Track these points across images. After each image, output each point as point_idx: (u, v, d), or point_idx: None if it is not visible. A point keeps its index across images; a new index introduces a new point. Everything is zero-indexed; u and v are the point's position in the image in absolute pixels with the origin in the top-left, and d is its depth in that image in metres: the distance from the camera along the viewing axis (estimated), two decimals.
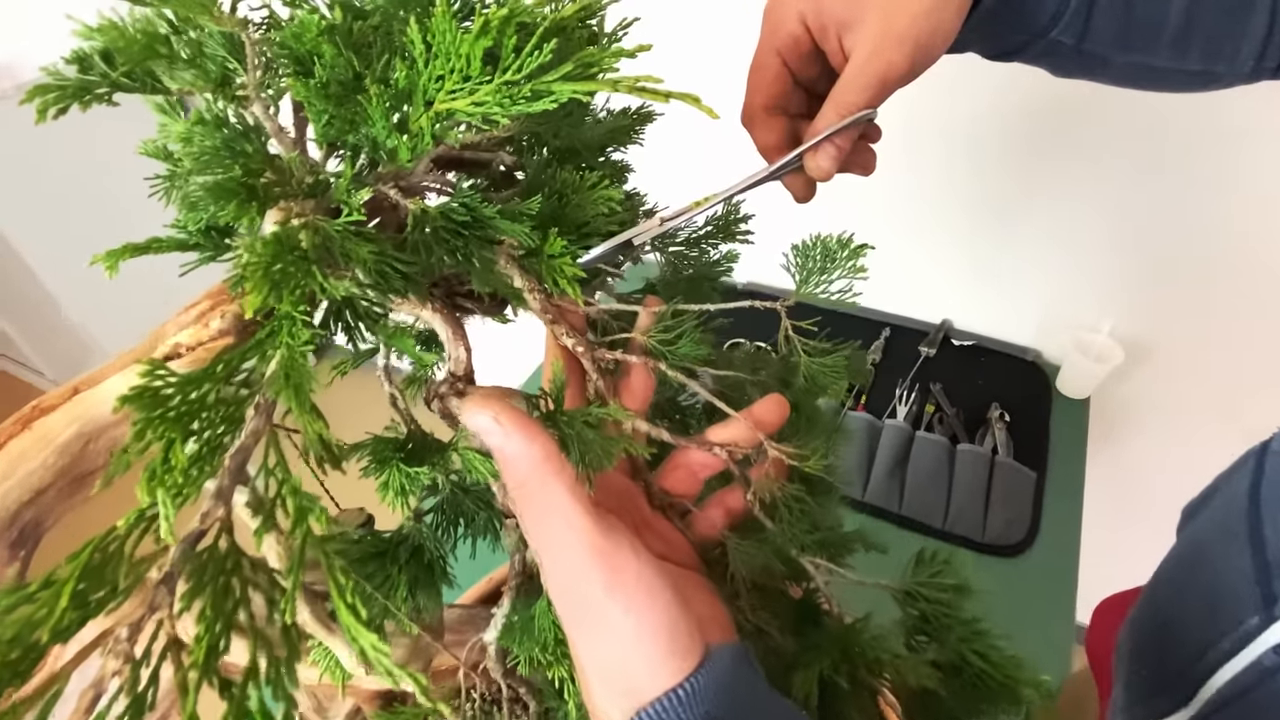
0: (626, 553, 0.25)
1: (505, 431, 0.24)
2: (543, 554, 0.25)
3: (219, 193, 0.25)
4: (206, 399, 0.22)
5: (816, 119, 0.38)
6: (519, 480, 0.25)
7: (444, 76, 0.23)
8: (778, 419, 0.32)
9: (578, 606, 0.25)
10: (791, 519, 0.32)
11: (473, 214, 0.27)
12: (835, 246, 0.34)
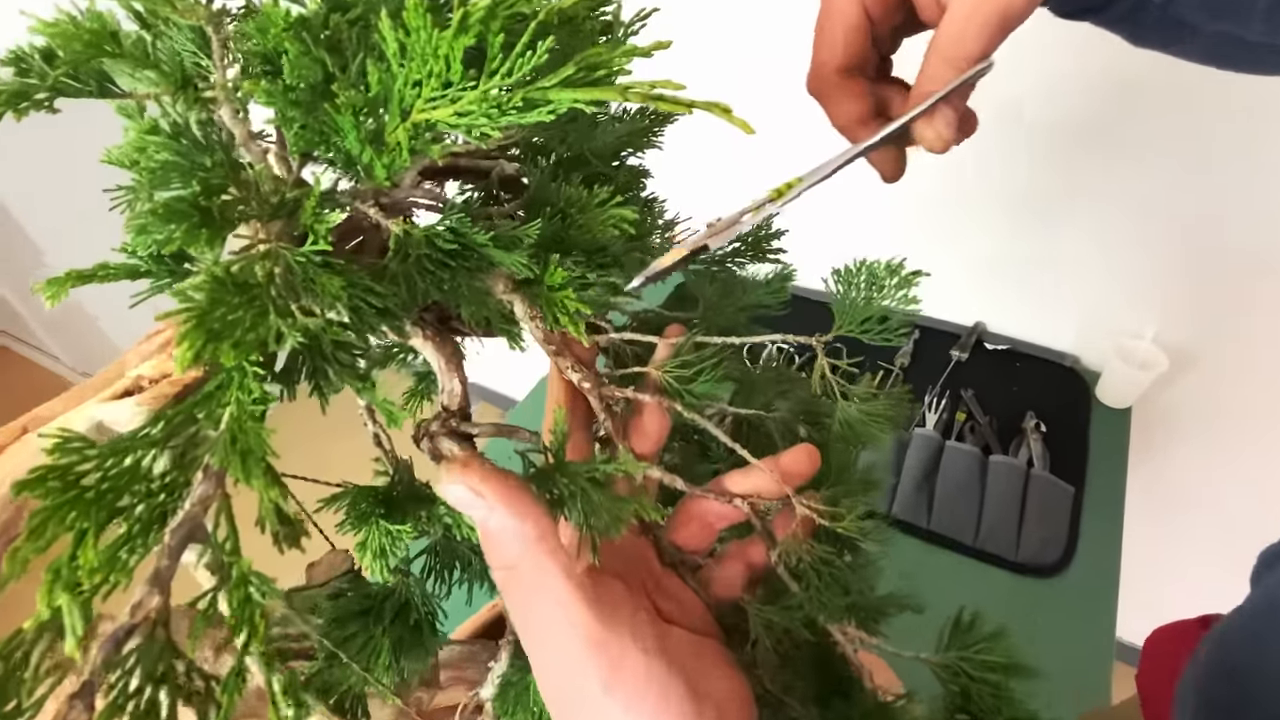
0: (629, 643, 0.21)
1: (489, 505, 0.21)
2: (532, 646, 0.22)
3: (167, 215, 0.21)
4: (139, 469, 0.18)
5: (922, 78, 0.31)
6: (506, 562, 0.21)
7: (421, 81, 0.19)
8: (807, 472, 0.28)
9: (572, 706, 0.21)
10: (821, 584, 0.28)
11: (461, 240, 0.23)
12: (883, 273, 0.29)
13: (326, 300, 0.21)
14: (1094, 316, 1.10)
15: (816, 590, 0.29)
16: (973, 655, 0.29)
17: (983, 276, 1.15)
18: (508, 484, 0.21)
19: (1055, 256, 1.07)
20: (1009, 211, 1.06)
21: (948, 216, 1.10)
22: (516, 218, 0.27)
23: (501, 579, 0.22)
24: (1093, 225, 1.02)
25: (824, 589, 0.28)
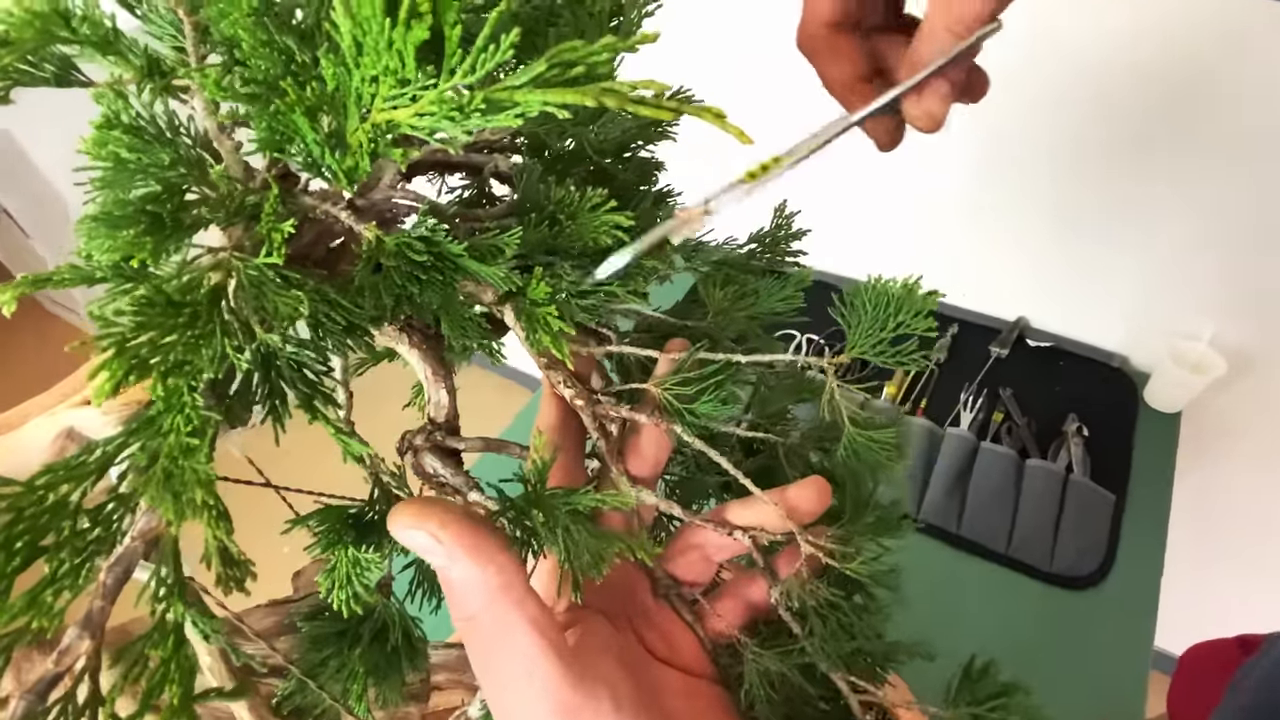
0: (606, 707, 0.19)
1: (449, 553, 0.19)
2: (496, 706, 0.20)
3: (112, 221, 0.19)
4: (66, 505, 0.17)
5: (919, 41, 0.27)
6: (467, 614, 0.19)
7: (378, 78, 0.16)
8: (816, 509, 0.25)
9: None
10: (825, 630, 0.26)
11: (434, 252, 0.21)
12: (900, 292, 0.26)
13: (280, 318, 0.19)
14: (1147, 314, 1.04)
15: (820, 636, 0.26)
16: (985, 713, 0.26)
17: (1028, 268, 1.09)
18: (468, 528, 0.19)
19: (1109, 248, 1.01)
20: (1061, 199, 1.00)
21: (991, 202, 1.05)
22: (504, 222, 0.25)
23: (464, 631, 0.20)
24: (1153, 216, 0.95)
25: (828, 635, 0.26)
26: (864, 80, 0.30)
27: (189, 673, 0.16)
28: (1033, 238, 1.06)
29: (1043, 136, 0.95)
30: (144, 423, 0.18)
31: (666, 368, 0.28)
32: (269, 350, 0.20)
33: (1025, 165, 0.99)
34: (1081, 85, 0.88)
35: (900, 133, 0.31)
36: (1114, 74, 0.86)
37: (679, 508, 0.29)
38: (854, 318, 0.29)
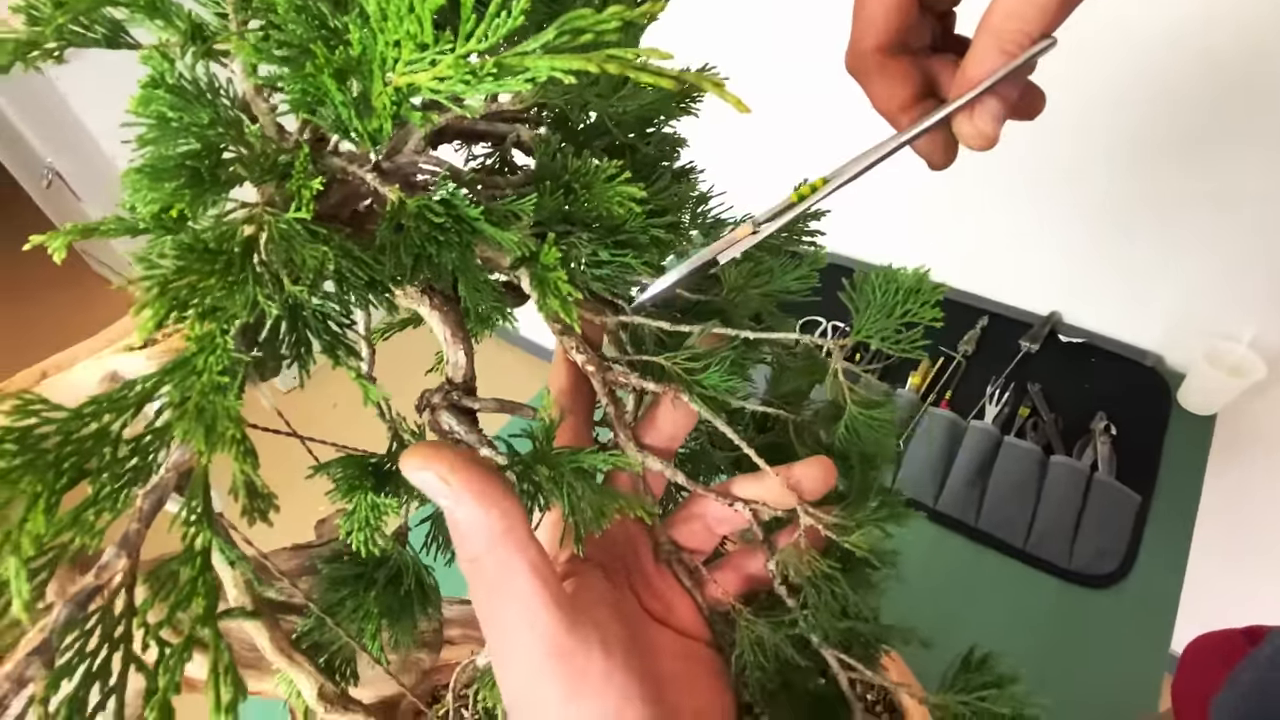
0: (596, 650, 0.20)
1: (456, 496, 0.20)
2: (494, 645, 0.21)
3: (154, 174, 0.21)
4: (107, 433, 0.18)
5: (970, 61, 0.27)
6: (471, 555, 0.20)
7: (400, 42, 0.17)
8: (820, 488, 0.26)
9: (529, 711, 0.21)
10: (819, 602, 0.27)
11: (454, 214, 0.22)
12: (908, 281, 0.27)
13: (310, 271, 0.21)
14: (1186, 314, 1.01)
15: (813, 609, 0.27)
16: (975, 701, 0.27)
17: (1065, 262, 1.07)
18: (476, 472, 0.20)
19: (1153, 246, 0.98)
20: (1107, 194, 0.98)
21: (1026, 191, 1.03)
22: (523, 190, 0.26)
23: (467, 571, 0.21)
24: (1197, 212, 0.92)
25: (820, 609, 0.27)
26: (914, 101, 0.29)
27: (212, 590, 0.18)
28: (1073, 232, 1.03)
29: (1096, 130, 0.93)
30: (179, 362, 0.20)
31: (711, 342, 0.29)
32: (296, 301, 0.21)
33: (1071, 158, 0.97)
34: (1141, 78, 0.86)
35: (953, 151, 0.31)
36: (1176, 67, 0.84)
37: (683, 476, 0.29)
38: (862, 302, 0.30)
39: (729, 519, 0.28)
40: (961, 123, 0.27)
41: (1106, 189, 0.97)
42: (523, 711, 0.21)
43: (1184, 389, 0.98)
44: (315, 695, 0.27)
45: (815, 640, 0.27)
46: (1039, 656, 0.76)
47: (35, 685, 0.17)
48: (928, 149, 0.30)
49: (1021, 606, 0.81)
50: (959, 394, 1.02)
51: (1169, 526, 0.86)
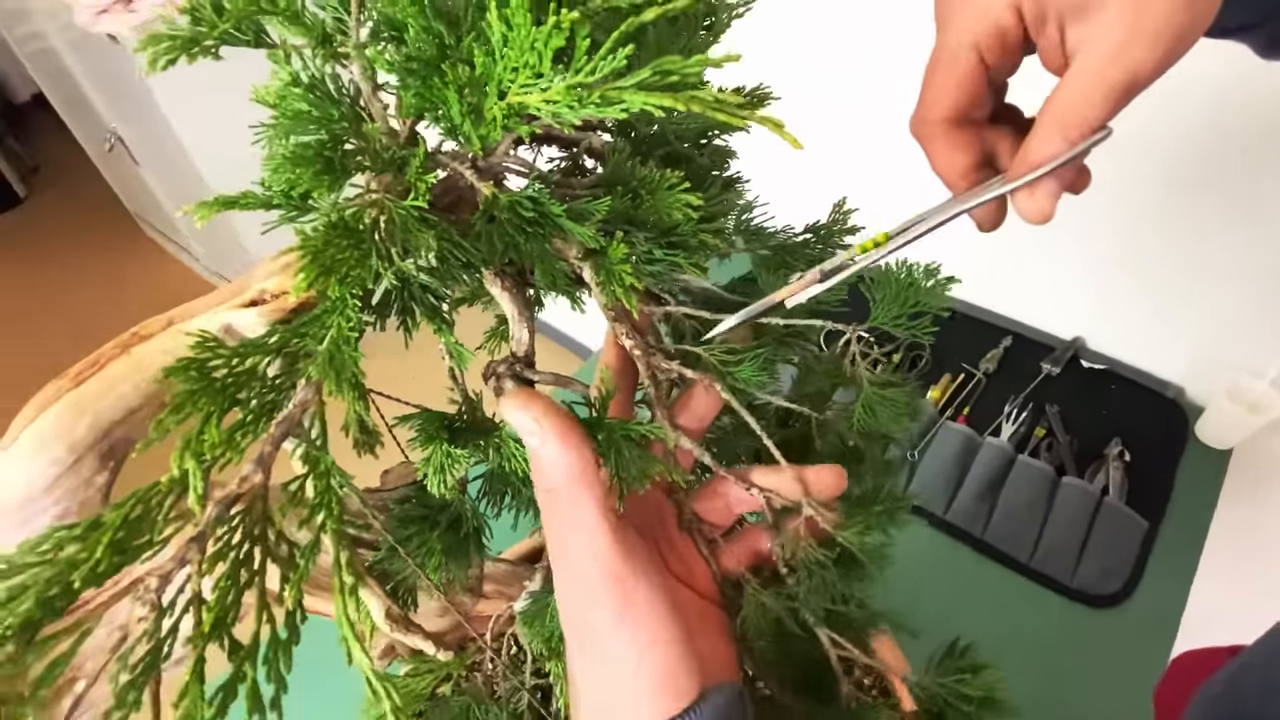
0: (641, 582, 0.24)
1: (544, 435, 0.24)
2: (557, 565, 0.25)
3: (296, 160, 0.25)
4: (255, 370, 0.22)
5: (1034, 142, 0.29)
6: (549, 486, 0.24)
7: (518, 69, 0.21)
8: (829, 492, 0.30)
9: (583, 629, 0.25)
10: (811, 585, 0.30)
11: (539, 209, 0.26)
12: (920, 276, 0.30)
13: (419, 250, 0.25)
14: (1211, 348, 1.02)
15: (806, 589, 0.31)
16: (951, 683, 0.30)
17: (1092, 287, 1.08)
18: (563, 419, 0.24)
19: (1180, 275, 1.00)
20: (1136, 220, 0.99)
21: (1062, 215, 1.04)
22: (593, 192, 0.30)
23: (543, 500, 0.25)
24: (1232, 246, 0.93)
25: (813, 590, 0.30)
26: (974, 170, 0.32)
27: (338, 501, 0.22)
28: (1104, 259, 1.05)
29: (1134, 158, 0.94)
30: (311, 319, 0.24)
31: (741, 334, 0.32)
32: (405, 275, 0.25)
33: (1110, 185, 0.98)
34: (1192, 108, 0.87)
35: (1002, 216, 0.33)
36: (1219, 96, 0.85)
37: (710, 458, 0.33)
38: (879, 293, 0.33)
39: (746, 501, 0.32)
40: (1022, 200, 0.30)
41: (1141, 218, 0.99)
42: (576, 624, 0.25)
43: (1202, 422, 1.00)
44: (383, 616, 0.32)
45: (810, 618, 0.31)
46: (1035, 670, 0.79)
47: (191, 565, 0.21)
48: (981, 215, 0.33)
49: (1021, 619, 0.84)
50: (977, 410, 1.04)
51: (1175, 554, 0.87)
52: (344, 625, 0.20)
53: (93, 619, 0.20)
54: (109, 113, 2.19)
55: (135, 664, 0.19)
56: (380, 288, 0.26)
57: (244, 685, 0.19)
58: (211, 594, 0.20)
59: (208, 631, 0.19)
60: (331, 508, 0.22)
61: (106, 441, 0.31)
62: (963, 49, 0.30)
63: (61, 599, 0.19)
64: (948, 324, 0.30)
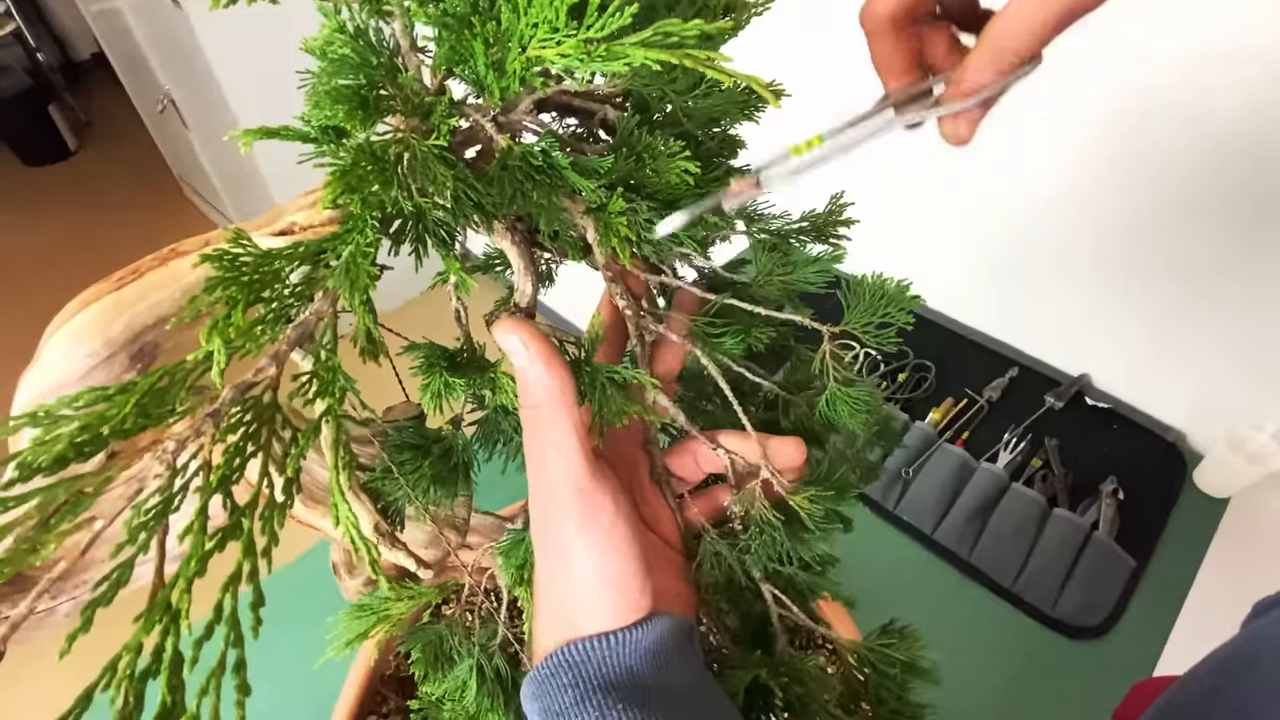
0: (607, 499, 0.26)
1: (531, 357, 0.26)
2: (533, 477, 0.27)
3: (337, 96, 0.28)
4: (279, 273, 0.25)
5: (964, 71, 0.29)
6: (532, 402, 0.27)
7: (538, 24, 0.24)
8: (788, 463, 0.32)
9: (549, 534, 0.27)
10: (760, 540, 0.32)
11: (548, 161, 0.28)
12: (892, 289, 0.32)
13: (436, 186, 0.27)
14: (1215, 396, 1.02)
15: (757, 545, 0.33)
16: (878, 646, 0.32)
17: (1103, 327, 1.09)
18: (549, 345, 0.27)
19: (1192, 322, 1.00)
20: (1151, 264, 1.00)
21: (1078, 252, 1.05)
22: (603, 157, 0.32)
23: (525, 417, 0.27)
24: (1246, 298, 0.94)
25: (760, 546, 0.32)
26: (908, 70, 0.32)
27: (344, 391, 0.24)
28: (1118, 301, 1.06)
29: (1154, 204, 0.95)
30: (337, 236, 0.26)
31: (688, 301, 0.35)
32: (421, 208, 0.28)
33: (1127, 226, 0.99)
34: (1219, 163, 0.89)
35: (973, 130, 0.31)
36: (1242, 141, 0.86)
37: (684, 417, 0.35)
38: (853, 300, 0.35)
39: (713, 461, 0.34)
40: (946, 124, 0.30)
41: (1154, 264, 0.99)
42: (547, 535, 0.27)
43: (1200, 469, 1.00)
44: (372, 528, 0.34)
45: (756, 574, 0.33)
46: (1005, 692, 0.80)
47: (205, 435, 0.24)
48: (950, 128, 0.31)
49: (997, 641, 0.84)
50: (976, 436, 1.05)
51: (1159, 595, 0.88)
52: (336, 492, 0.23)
53: (114, 469, 0.23)
54: (164, 75, 2.27)
55: (148, 510, 0.22)
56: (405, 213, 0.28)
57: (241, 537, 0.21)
58: (221, 458, 0.22)
59: (215, 484, 0.21)
60: (334, 394, 0.24)
61: (137, 343, 0.34)
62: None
63: (90, 445, 0.21)
64: (955, 349, 0.32)
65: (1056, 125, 0.96)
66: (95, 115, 3.49)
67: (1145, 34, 0.85)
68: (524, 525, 0.38)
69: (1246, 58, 0.80)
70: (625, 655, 0.25)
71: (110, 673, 0.20)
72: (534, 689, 0.26)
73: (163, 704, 0.19)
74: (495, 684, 0.42)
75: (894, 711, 0.32)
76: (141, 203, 3.00)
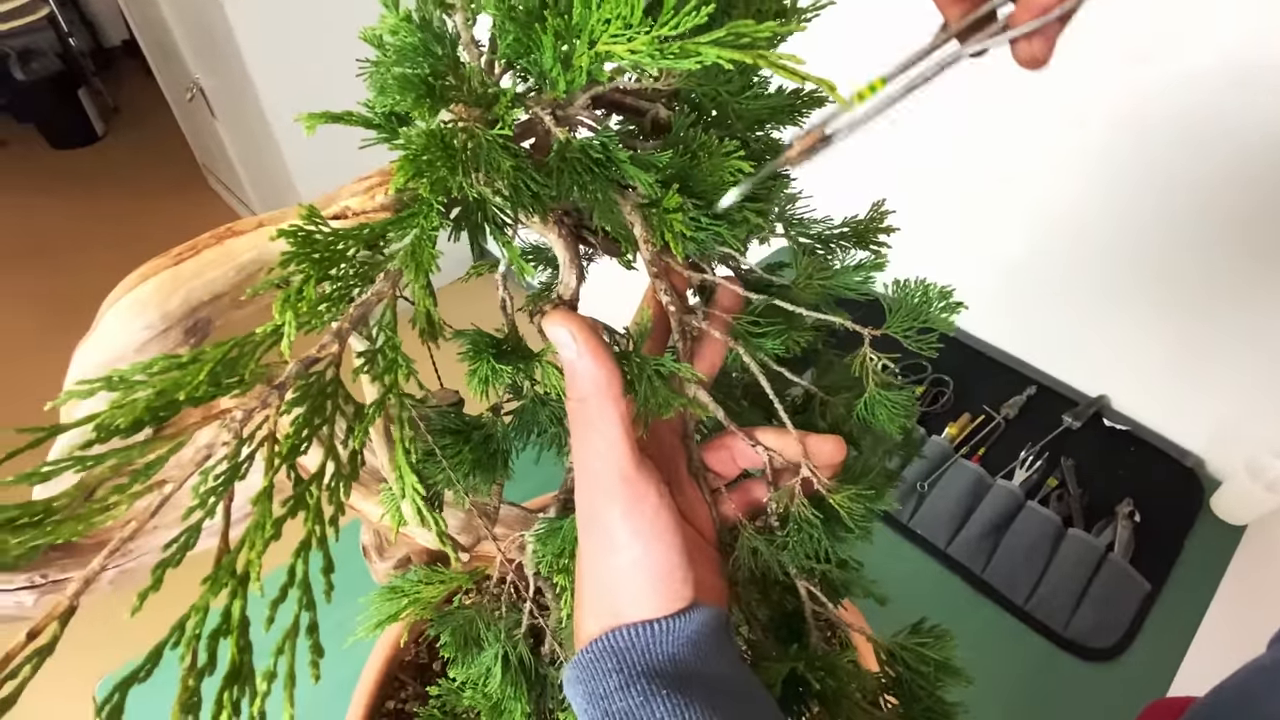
0: (651, 489, 0.27)
1: (579, 349, 0.27)
2: (579, 467, 0.28)
3: (404, 84, 0.28)
4: (346, 253, 0.26)
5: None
6: (580, 395, 0.27)
7: (610, 20, 0.24)
8: (828, 461, 0.32)
9: (595, 522, 0.27)
10: (799, 539, 0.33)
11: (607, 154, 0.29)
12: (935, 295, 0.33)
13: (498, 174, 0.28)
14: (1236, 424, 1.02)
15: (794, 542, 0.33)
16: (913, 644, 0.32)
17: (1124, 349, 1.09)
18: (597, 338, 0.27)
19: (1214, 350, 1.00)
20: (1176, 289, 1.00)
21: (1103, 274, 1.05)
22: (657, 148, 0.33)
23: (572, 409, 0.28)
24: (1266, 324, 0.94)
25: (798, 543, 0.33)
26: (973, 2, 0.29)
27: (404, 371, 0.25)
28: (1138, 322, 1.05)
29: (1184, 229, 0.95)
30: (396, 220, 0.27)
31: (728, 299, 0.35)
32: (482, 195, 0.28)
33: (1158, 252, 0.99)
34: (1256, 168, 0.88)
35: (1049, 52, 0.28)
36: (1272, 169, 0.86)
37: (724, 413, 0.36)
38: (896, 305, 0.36)
39: (750, 457, 0.34)
40: (1018, 46, 0.28)
41: (1177, 287, 0.99)
42: (589, 518, 0.27)
43: (1218, 495, 0.99)
44: (410, 508, 0.35)
45: (793, 570, 0.33)
46: (1015, 712, 0.79)
47: (271, 407, 0.24)
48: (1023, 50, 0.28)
49: (1008, 659, 0.84)
50: (992, 452, 1.05)
51: (1173, 619, 0.87)
52: (403, 466, 0.23)
53: (185, 435, 0.23)
54: (195, 63, 2.30)
55: (216, 476, 0.22)
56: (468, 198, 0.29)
57: (309, 506, 0.22)
58: (289, 428, 0.23)
59: (285, 453, 0.22)
60: (395, 377, 0.25)
61: (192, 318, 0.35)
62: None
63: (165, 410, 0.22)
64: (974, 365, 0.32)
65: (1088, 146, 0.96)
66: (123, 101, 3.54)
67: (1186, 55, 0.85)
68: (558, 514, 0.38)
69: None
70: (668, 643, 0.25)
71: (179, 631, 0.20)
72: (578, 673, 0.26)
73: (232, 663, 0.19)
74: (519, 672, 0.43)
75: (928, 709, 0.32)
76: (165, 189, 3.04)
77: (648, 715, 0.24)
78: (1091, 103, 0.93)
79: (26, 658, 0.19)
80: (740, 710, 0.26)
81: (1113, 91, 0.90)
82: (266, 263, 0.36)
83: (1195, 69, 0.84)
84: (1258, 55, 0.80)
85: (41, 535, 0.20)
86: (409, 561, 0.46)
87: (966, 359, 1.16)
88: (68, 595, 0.20)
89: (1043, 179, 1.03)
